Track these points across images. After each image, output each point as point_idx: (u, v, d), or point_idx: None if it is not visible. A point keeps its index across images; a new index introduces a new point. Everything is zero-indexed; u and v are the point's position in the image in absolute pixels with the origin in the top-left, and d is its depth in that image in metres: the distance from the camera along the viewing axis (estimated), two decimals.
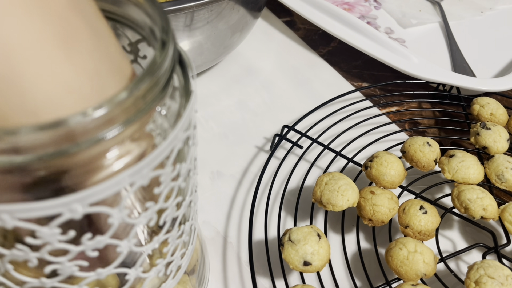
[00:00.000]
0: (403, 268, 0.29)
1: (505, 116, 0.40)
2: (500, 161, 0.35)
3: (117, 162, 0.14)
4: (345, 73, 0.51)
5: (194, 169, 0.20)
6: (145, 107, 0.14)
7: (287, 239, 0.29)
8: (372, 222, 0.32)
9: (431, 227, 0.31)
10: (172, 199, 0.18)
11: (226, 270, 0.32)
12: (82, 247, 0.15)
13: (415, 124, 0.45)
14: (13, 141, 0.12)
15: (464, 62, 0.52)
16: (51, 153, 0.12)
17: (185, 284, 0.26)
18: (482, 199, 0.32)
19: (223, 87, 0.47)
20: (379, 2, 0.61)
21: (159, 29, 0.16)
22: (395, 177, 0.34)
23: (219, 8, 0.38)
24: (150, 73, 0.14)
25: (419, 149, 0.35)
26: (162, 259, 0.20)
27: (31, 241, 0.14)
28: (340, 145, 0.40)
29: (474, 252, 0.34)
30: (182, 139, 0.17)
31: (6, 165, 0.12)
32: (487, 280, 0.27)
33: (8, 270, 0.15)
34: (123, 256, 0.17)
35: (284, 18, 0.57)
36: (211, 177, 0.38)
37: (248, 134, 0.42)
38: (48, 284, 0.16)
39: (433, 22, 0.59)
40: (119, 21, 0.20)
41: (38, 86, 0.13)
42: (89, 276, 0.16)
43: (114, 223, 0.15)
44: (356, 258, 0.33)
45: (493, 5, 0.63)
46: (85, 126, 0.12)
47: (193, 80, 0.18)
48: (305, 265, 0.28)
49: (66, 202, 0.13)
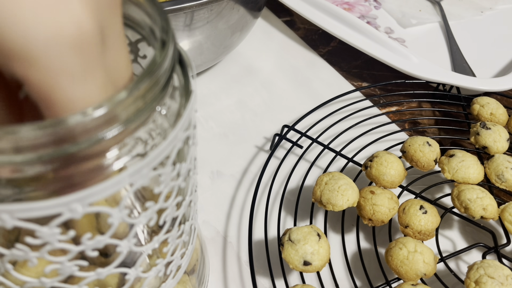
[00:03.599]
0: (403, 268, 0.29)
1: (505, 116, 0.40)
2: (500, 161, 0.35)
3: (117, 162, 0.14)
4: (345, 73, 0.51)
5: (194, 169, 0.20)
6: (145, 107, 0.14)
7: (287, 239, 0.29)
8: (372, 222, 0.32)
9: (431, 227, 0.31)
10: (172, 199, 0.18)
11: (226, 270, 0.32)
12: (82, 247, 0.15)
13: (415, 124, 0.45)
14: (13, 140, 0.12)
15: (464, 62, 0.52)
16: (51, 153, 0.12)
17: (185, 284, 0.26)
18: (482, 199, 0.32)
19: (223, 87, 0.47)
20: (379, 2, 0.61)
21: (159, 28, 0.16)
22: (395, 177, 0.34)
23: (219, 7, 0.38)
24: (150, 73, 0.14)
25: (419, 149, 0.35)
26: (162, 259, 0.20)
27: (31, 241, 0.14)
28: (340, 145, 0.40)
29: (474, 252, 0.34)
30: (182, 139, 0.17)
31: (6, 165, 0.12)
32: (487, 280, 0.27)
33: (8, 270, 0.15)
34: (123, 256, 0.17)
35: (284, 18, 0.57)
36: (211, 177, 0.38)
37: (248, 134, 0.42)
38: (48, 284, 0.16)
39: (433, 22, 0.59)
40: None
41: None
42: (89, 276, 0.16)
43: (114, 223, 0.15)
44: (356, 258, 0.33)
45: (493, 5, 0.63)
46: (85, 126, 0.12)
47: (193, 79, 0.18)
48: (305, 265, 0.28)
49: (66, 202, 0.13)
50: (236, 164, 0.40)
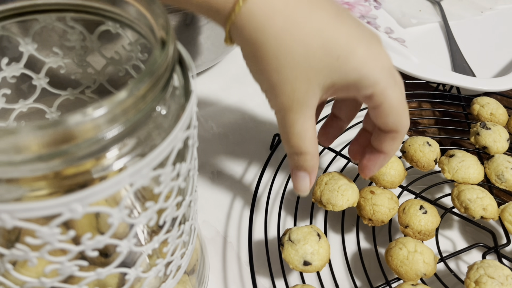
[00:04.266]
0: (403, 268, 0.29)
1: (505, 116, 0.40)
2: (500, 161, 0.35)
3: (117, 162, 0.14)
4: None
5: (194, 169, 0.20)
6: (145, 107, 0.14)
7: (287, 239, 0.29)
8: (372, 222, 0.32)
9: (431, 227, 0.31)
10: (172, 199, 0.18)
11: (226, 270, 0.32)
12: (82, 247, 0.15)
13: (415, 124, 0.45)
14: (13, 140, 0.12)
15: (464, 62, 0.52)
16: (51, 153, 0.12)
17: (185, 284, 0.26)
18: (482, 199, 0.32)
19: (223, 87, 0.47)
20: (379, 2, 0.61)
21: (159, 28, 0.16)
22: (395, 177, 0.34)
23: None
24: (150, 73, 0.14)
25: (419, 149, 0.35)
26: (162, 259, 0.20)
27: (31, 241, 0.14)
28: (340, 145, 0.40)
29: (474, 252, 0.34)
30: (182, 139, 0.17)
31: (6, 165, 0.12)
32: (487, 280, 0.27)
33: (8, 270, 0.15)
34: (123, 256, 0.17)
35: None
36: (211, 177, 0.38)
37: (248, 134, 0.42)
38: (48, 284, 0.16)
39: (433, 22, 0.59)
40: (119, 21, 0.20)
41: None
42: (89, 276, 0.16)
43: (114, 223, 0.15)
44: (356, 258, 0.33)
45: (493, 5, 0.63)
46: (85, 126, 0.12)
47: (193, 79, 0.18)
48: (305, 265, 0.28)
49: (66, 202, 0.13)
50: (236, 164, 0.40)
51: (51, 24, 0.21)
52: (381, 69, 0.24)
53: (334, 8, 0.25)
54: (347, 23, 0.25)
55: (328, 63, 0.24)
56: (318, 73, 0.24)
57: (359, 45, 0.24)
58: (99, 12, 0.20)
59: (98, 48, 0.23)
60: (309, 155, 0.27)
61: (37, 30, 0.21)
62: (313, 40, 0.23)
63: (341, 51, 0.24)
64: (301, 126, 0.25)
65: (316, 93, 0.25)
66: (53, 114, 0.25)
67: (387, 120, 0.26)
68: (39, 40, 0.22)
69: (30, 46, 0.22)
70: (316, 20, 0.24)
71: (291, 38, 0.23)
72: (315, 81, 0.24)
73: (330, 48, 0.23)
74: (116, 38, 0.22)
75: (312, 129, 0.26)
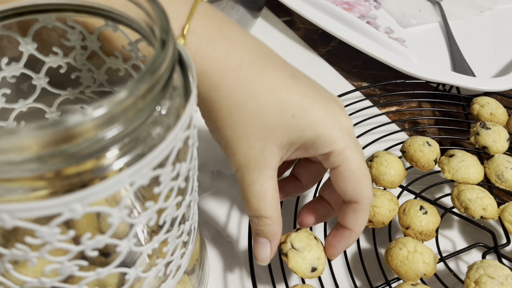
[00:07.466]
0: (403, 268, 0.29)
1: (505, 116, 0.40)
2: (500, 161, 0.35)
3: (117, 162, 0.14)
4: (345, 72, 0.51)
5: (194, 169, 0.20)
6: (145, 107, 0.14)
7: (290, 247, 0.27)
8: (372, 223, 0.32)
9: (431, 227, 0.31)
10: (172, 199, 0.18)
11: (226, 270, 0.32)
12: (82, 247, 0.15)
13: (415, 123, 0.45)
14: (13, 140, 0.12)
15: (464, 62, 0.52)
16: (51, 153, 0.12)
17: (185, 284, 0.26)
18: (482, 199, 0.32)
19: None
20: (379, 2, 0.61)
21: (159, 28, 0.16)
22: (395, 177, 0.34)
23: (218, 7, 0.38)
24: (150, 73, 0.14)
25: (419, 149, 0.35)
26: (162, 259, 0.20)
27: (31, 241, 0.14)
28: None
29: (474, 252, 0.34)
30: (182, 139, 0.17)
31: (6, 165, 0.12)
32: (487, 280, 0.27)
33: (8, 270, 0.15)
34: (123, 256, 0.17)
35: (284, 18, 0.57)
36: (211, 177, 0.38)
37: None
38: (48, 284, 0.16)
39: (433, 22, 0.59)
40: (119, 21, 0.20)
41: None
42: (89, 276, 0.16)
43: (114, 223, 0.15)
44: (356, 258, 0.33)
45: (493, 5, 0.63)
46: (85, 126, 0.12)
47: (193, 79, 0.18)
48: (313, 271, 0.27)
49: (66, 201, 0.13)
50: None
51: (51, 24, 0.21)
52: (339, 129, 0.24)
53: (290, 70, 0.25)
54: (303, 83, 0.24)
55: (283, 121, 0.23)
56: (274, 131, 0.23)
57: (315, 104, 0.24)
58: (99, 12, 0.20)
59: (98, 48, 0.23)
60: (269, 220, 0.26)
61: (37, 30, 0.21)
62: (266, 97, 0.23)
63: (296, 109, 0.23)
64: (260, 187, 0.25)
65: (274, 152, 0.24)
66: (53, 114, 0.25)
67: (345, 185, 0.25)
68: (39, 40, 0.22)
69: (30, 46, 0.22)
70: (269, 80, 0.23)
71: (243, 95, 0.23)
72: (271, 140, 0.23)
73: (284, 106, 0.23)
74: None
75: (272, 190, 0.25)
